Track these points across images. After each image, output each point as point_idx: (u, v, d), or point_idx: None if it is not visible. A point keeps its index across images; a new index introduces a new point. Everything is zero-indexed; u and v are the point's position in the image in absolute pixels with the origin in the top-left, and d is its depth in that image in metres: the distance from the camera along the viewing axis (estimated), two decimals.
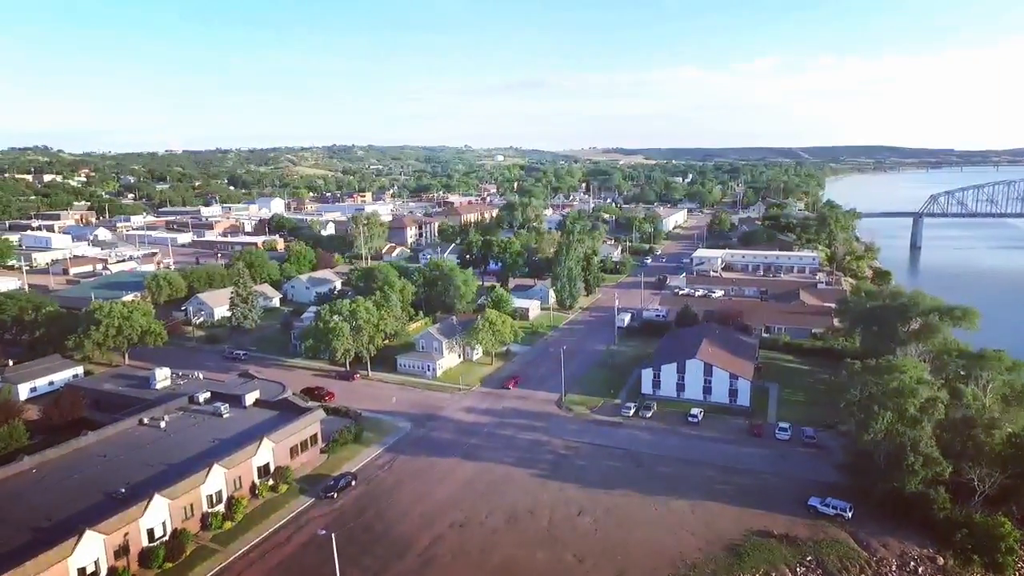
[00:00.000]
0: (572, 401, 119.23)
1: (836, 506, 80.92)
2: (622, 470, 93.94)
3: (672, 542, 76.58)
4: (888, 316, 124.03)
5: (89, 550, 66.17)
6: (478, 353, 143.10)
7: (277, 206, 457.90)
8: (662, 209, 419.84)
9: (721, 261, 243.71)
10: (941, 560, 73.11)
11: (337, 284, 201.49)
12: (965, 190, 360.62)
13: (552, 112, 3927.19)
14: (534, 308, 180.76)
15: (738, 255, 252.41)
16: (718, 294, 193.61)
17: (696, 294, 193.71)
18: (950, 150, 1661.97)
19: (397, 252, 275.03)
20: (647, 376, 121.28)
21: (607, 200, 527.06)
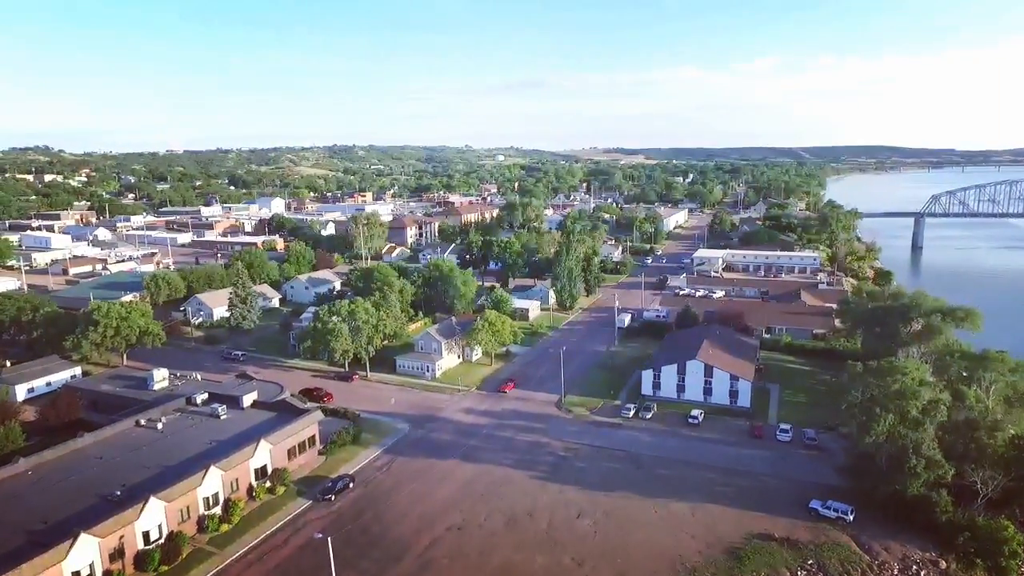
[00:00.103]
0: (572, 402, 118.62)
1: (837, 509, 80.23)
2: (622, 472, 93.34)
3: (672, 545, 75.98)
4: (890, 317, 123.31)
5: (84, 553, 65.61)
6: (477, 354, 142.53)
7: (277, 206, 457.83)
8: (663, 209, 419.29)
9: (722, 261, 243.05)
10: (944, 564, 72.41)
11: (336, 284, 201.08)
12: (967, 190, 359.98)
13: (553, 112, 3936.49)
14: (534, 308, 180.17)
15: (739, 255, 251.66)
16: (719, 294, 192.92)
17: (697, 294, 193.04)
18: (951, 150, 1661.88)
19: (397, 252, 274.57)
20: (647, 377, 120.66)
21: (608, 200, 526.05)
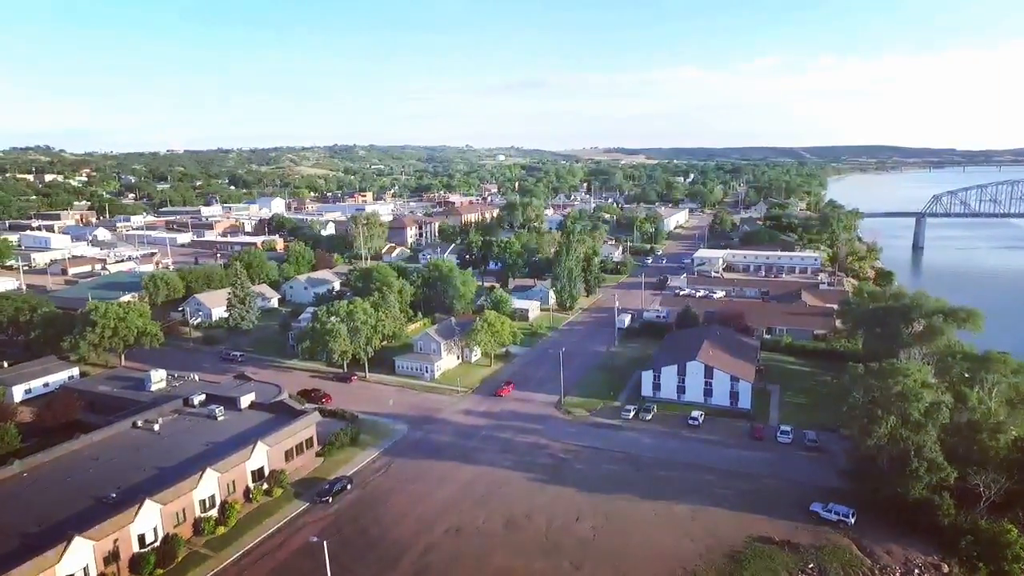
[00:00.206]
0: (571, 403, 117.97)
1: (839, 512, 79.50)
2: (621, 474, 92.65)
3: (672, 549, 75.31)
4: (891, 318, 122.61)
5: (78, 557, 64.98)
6: (477, 355, 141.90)
7: (278, 206, 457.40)
8: (663, 209, 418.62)
9: (722, 261, 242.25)
10: (946, 568, 71.69)
11: (336, 285, 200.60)
12: (968, 190, 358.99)
13: (553, 112, 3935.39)
14: (534, 309, 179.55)
15: (739, 255, 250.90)
16: (719, 295, 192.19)
17: (697, 295, 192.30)
18: (952, 150, 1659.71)
19: (397, 252, 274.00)
20: (647, 378, 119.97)
21: (608, 200, 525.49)
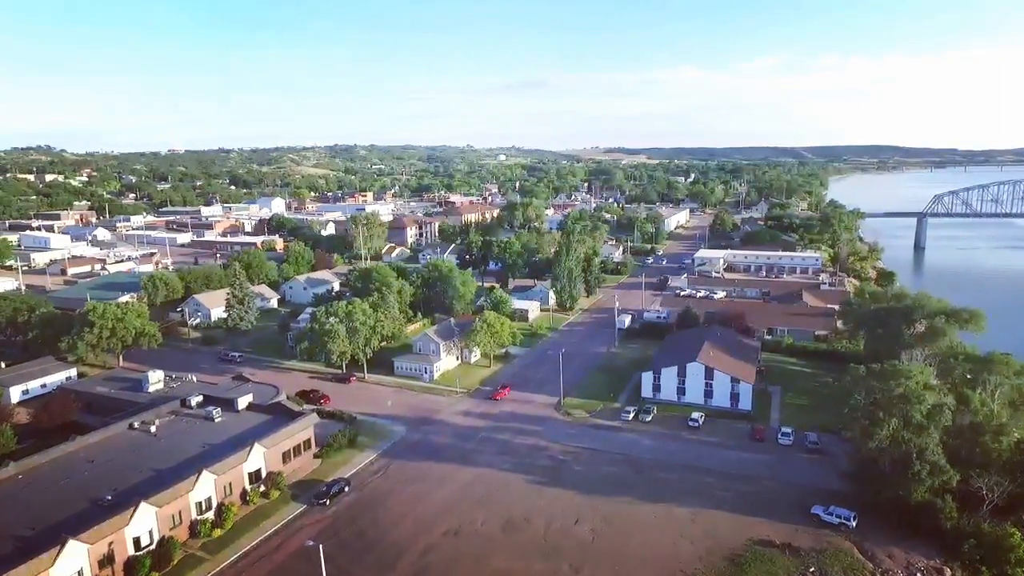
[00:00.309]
0: (571, 405, 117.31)
1: (840, 515, 78.80)
2: (621, 476, 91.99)
3: (671, 551, 74.66)
4: (893, 318, 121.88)
5: (71, 560, 64.34)
6: (476, 355, 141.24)
7: (278, 206, 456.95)
8: (664, 209, 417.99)
9: (723, 262, 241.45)
10: (948, 572, 70.95)
11: (335, 285, 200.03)
12: (969, 190, 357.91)
13: (554, 112, 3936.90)
14: (534, 309, 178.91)
15: (740, 255, 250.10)
16: (720, 295, 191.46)
17: (698, 295, 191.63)
18: (953, 150, 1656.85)
19: (397, 252, 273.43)
20: (647, 379, 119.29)
21: (609, 200, 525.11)
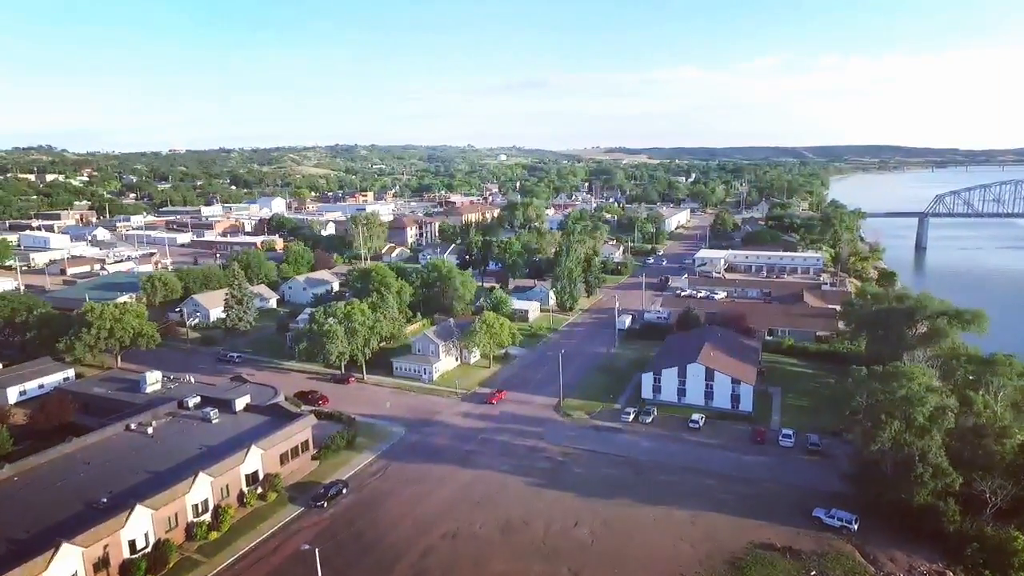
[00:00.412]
0: (570, 406, 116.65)
1: (841, 518, 78.11)
2: (621, 478, 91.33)
3: (671, 555, 74.03)
4: (894, 319, 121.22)
5: (65, 564, 63.71)
6: (476, 356, 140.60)
7: (278, 206, 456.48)
8: (665, 209, 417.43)
9: (724, 262, 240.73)
10: (951, 575, 70.39)
11: (335, 285, 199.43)
12: (971, 190, 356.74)
13: (555, 112, 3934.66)
14: (534, 310, 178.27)
15: (741, 256, 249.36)
16: (721, 295, 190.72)
17: (698, 295, 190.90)
18: (955, 149, 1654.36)
19: (397, 252, 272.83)
20: (647, 380, 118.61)
21: (609, 200, 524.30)
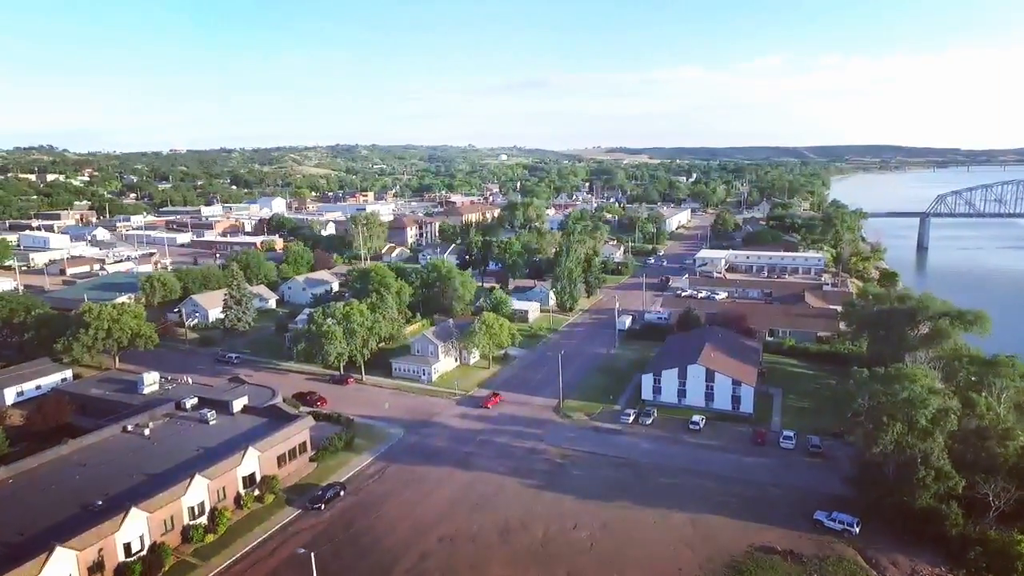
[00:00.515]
0: (570, 407, 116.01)
1: (843, 521, 77.44)
2: (620, 480, 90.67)
3: (671, 558, 73.39)
4: (896, 320, 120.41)
5: (59, 567, 63.12)
6: (475, 357, 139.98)
7: (278, 206, 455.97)
8: (665, 209, 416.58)
9: (725, 262, 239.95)
10: None
11: (334, 285, 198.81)
12: (972, 190, 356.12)
13: (555, 112, 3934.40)
14: (534, 310, 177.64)
15: (742, 256, 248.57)
16: (721, 296, 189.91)
17: (699, 296, 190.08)
18: (956, 149, 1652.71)
19: (397, 252, 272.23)
20: (647, 381, 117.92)
21: (610, 200, 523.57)
